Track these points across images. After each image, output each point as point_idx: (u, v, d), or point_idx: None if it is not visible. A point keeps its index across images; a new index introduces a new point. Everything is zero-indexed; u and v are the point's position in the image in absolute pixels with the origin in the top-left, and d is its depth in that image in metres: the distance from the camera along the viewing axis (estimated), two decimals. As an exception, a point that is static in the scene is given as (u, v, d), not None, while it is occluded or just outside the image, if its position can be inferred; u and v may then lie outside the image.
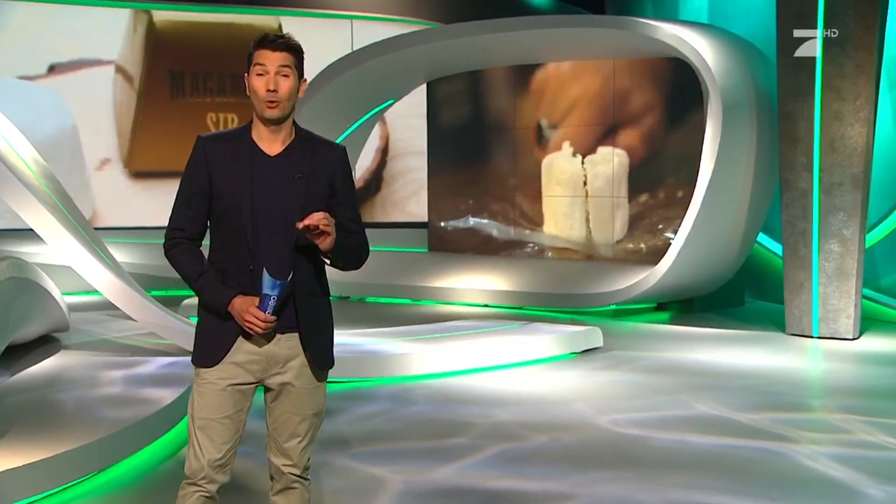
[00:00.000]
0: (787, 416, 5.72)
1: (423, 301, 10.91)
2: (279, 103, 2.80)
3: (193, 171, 2.87)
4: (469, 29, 10.50)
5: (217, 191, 2.83)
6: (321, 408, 2.97)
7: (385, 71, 10.97)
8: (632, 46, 10.10)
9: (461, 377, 6.81)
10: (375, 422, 5.56)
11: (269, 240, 2.81)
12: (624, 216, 10.82)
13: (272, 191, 2.81)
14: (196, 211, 2.86)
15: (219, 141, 2.87)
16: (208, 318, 2.88)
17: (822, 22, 7.93)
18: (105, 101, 12.55)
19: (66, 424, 4.59)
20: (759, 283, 10.76)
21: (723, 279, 9.79)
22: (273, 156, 2.85)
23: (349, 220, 2.92)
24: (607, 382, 6.68)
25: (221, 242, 2.86)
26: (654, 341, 8.38)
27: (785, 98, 8.27)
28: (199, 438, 2.87)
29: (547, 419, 5.64)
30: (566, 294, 10.12)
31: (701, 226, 8.94)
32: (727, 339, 8.45)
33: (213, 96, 13.02)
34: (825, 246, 8.17)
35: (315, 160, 2.86)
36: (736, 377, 6.82)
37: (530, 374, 6.99)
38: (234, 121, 12.96)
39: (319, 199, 2.85)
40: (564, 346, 7.62)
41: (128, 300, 6.28)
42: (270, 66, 2.78)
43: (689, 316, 9.81)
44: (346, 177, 2.94)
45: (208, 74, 12.97)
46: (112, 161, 12.60)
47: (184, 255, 2.85)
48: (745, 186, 9.12)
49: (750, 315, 9.83)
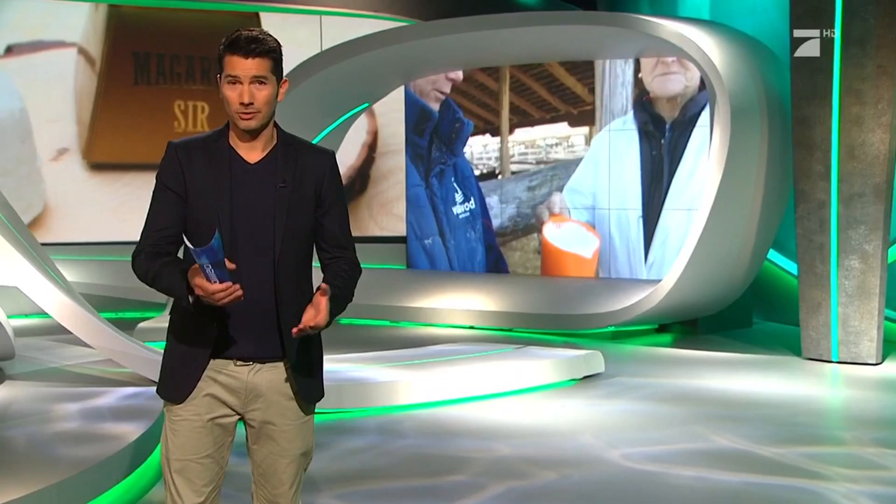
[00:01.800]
0: (815, 449, 5.64)
1: (403, 323, 10.78)
2: (255, 114, 2.70)
3: (167, 180, 2.76)
4: (451, 26, 10.41)
5: (192, 203, 2.73)
6: (310, 446, 2.88)
7: (359, 72, 10.86)
8: (630, 46, 10.05)
9: (453, 406, 6.69)
10: (362, 458, 5.44)
11: (250, 256, 2.71)
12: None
13: (253, 202, 2.73)
14: (171, 220, 2.75)
15: (192, 148, 2.77)
16: (177, 346, 2.78)
17: (840, 19, 7.90)
18: (66, 87, 12.23)
19: (17, 466, 4.40)
20: (768, 302, 10.71)
21: (730, 298, 9.73)
22: (253, 163, 2.76)
23: (336, 237, 2.84)
24: (613, 412, 6.60)
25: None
26: (659, 366, 8.32)
27: (799, 101, 8.23)
28: (177, 483, 2.77)
29: (552, 453, 5.53)
30: (560, 314, 10.03)
31: (707, 241, 8.87)
32: (738, 364, 8.39)
33: (182, 82, 12.66)
34: (845, 262, 8.11)
35: (300, 167, 2.78)
36: (752, 406, 6.74)
37: (528, 402, 6.88)
38: (205, 109, 12.67)
39: (304, 211, 2.77)
40: (564, 372, 7.52)
41: (81, 323, 6.09)
42: (244, 77, 2.67)
43: (694, 338, 9.75)
44: (335, 185, 2.84)
45: (176, 58, 12.62)
46: (71, 151, 12.30)
47: (146, 259, 2.74)
48: (756, 198, 9.07)
49: (760, 337, 9.78)
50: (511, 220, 11.64)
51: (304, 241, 2.80)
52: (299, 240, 2.78)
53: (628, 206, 10.75)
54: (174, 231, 2.75)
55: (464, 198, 12.00)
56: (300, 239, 2.78)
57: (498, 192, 11.73)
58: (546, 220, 11.34)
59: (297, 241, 2.77)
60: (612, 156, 10.82)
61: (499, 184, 11.71)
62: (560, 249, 11.30)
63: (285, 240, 2.73)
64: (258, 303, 2.71)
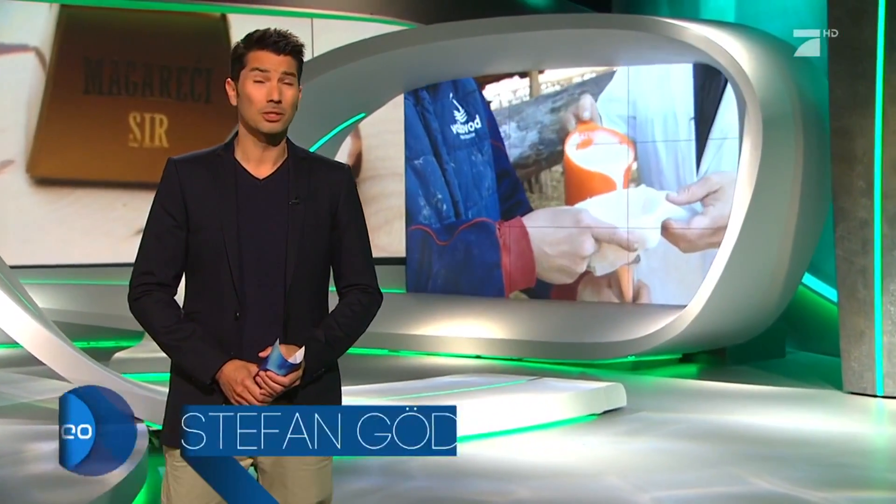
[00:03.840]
0: (864, 494, 5.56)
1: (403, 352, 10.73)
2: (282, 115, 2.69)
3: (165, 201, 2.72)
4: (455, 30, 10.37)
5: (195, 224, 2.70)
6: (328, 494, 2.82)
7: (355, 79, 10.85)
8: (650, 51, 10.00)
9: (463, 444, 6.52)
10: (368, 502, 5.35)
11: (259, 281, 2.68)
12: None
13: (262, 221, 2.70)
14: (170, 250, 2.72)
15: (194, 163, 2.74)
16: (184, 385, 2.72)
17: (884, 21, 7.86)
18: (20, 94, 12.13)
19: (-13, 512, 4.31)
20: (803, 330, 10.67)
21: (761, 326, 9.67)
22: (262, 179, 2.73)
23: (353, 262, 2.81)
24: (640, 451, 6.51)
25: (200, 287, 2.73)
26: (685, 400, 8.26)
27: (838, 111, 8.18)
28: None
29: (577, 497, 5.45)
30: (575, 343, 9.95)
31: (737, 263, 8.80)
32: (772, 398, 8.31)
33: (138, 92, 12.46)
34: (890, 286, 8.04)
35: (313, 182, 2.75)
36: (792, 445, 6.65)
37: (546, 439, 6.80)
38: (163, 123, 12.48)
39: (319, 230, 2.74)
40: (583, 407, 7.45)
41: (55, 354, 5.98)
42: (273, 72, 2.67)
43: (722, 369, 9.69)
44: (352, 203, 2.82)
45: (132, 65, 12.41)
46: (16, 164, 12.13)
47: (154, 306, 2.70)
48: (790, 216, 9.02)
49: (794, 369, 9.71)
50: (532, 148, 11.32)
51: (319, 266, 2.76)
52: (314, 263, 2.73)
53: (678, 110, 10.39)
54: (175, 266, 2.72)
55: (467, 117, 11.65)
56: (314, 262, 2.74)
57: (516, 118, 11.51)
58: (573, 129, 11.08)
59: (312, 264, 2.73)
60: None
61: (516, 108, 11.47)
62: (585, 170, 10.99)
63: (298, 263, 2.69)
64: (269, 334, 2.67)
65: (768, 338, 10.06)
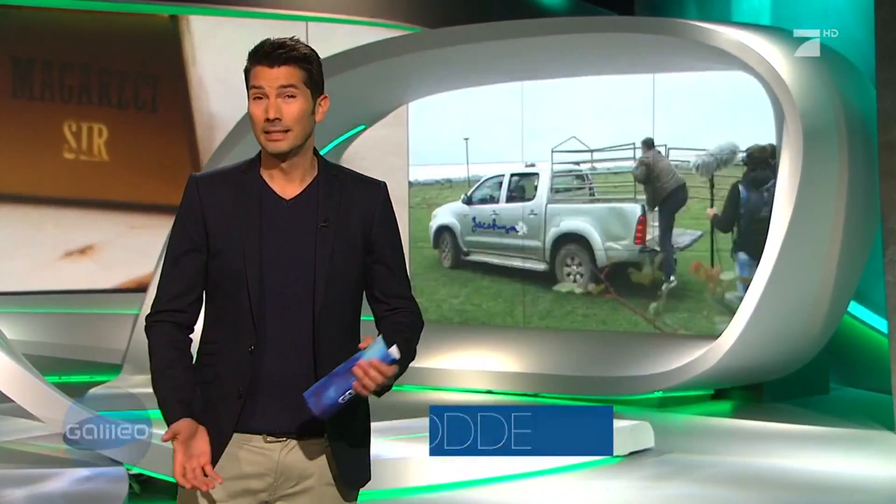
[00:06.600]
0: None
1: (406, 386, 10.69)
2: (287, 132, 2.70)
3: (185, 222, 2.77)
4: (463, 35, 10.39)
5: (215, 248, 2.74)
6: None
7: (355, 88, 10.86)
8: (677, 57, 10.02)
9: (475, 489, 6.64)
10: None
11: (282, 311, 2.71)
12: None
13: (287, 246, 2.73)
14: (188, 276, 2.76)
15: (218, 181, 2.79)
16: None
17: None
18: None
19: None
20: (849, 364, 10.69)
21: (802, 360, 9.64)
22: (289, 199, 2.76)
23: (391, 286, 2.83)
24: (669, 497, 6.54)
25: (218, 314, 2.77)
26: (719, 441, 8.29)
27: (887, 122, 8.20)
28: None
29: (602, 550, 5.44)
30: (596, 377, 9.95)
31: (775, 290, 8.81)
32: (815, 439, 8.32)
33: (74, 98, 12.02)
34: (945, 316, 8.05)
35: (345, 202, 2.78)
36: (839, 492, 6.66)
37: (566, 484, 6.81)
38: (102, 133, 12.06)
39: (351, 255, 2.77)
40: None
41: (27, 391, 6.08)
42: (269, 88, 2.70)
43: (759, 407, 9.70)
44: (388, 223, 2.84)
45: (67, 67, 11.97)
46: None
47: (159, 340, 2.76)
48: (834, 238, 9.02)
49: (840, 407, 9.72)
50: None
51: (351, 292, 2.79)
52: (344, 290, 2.76)
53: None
54: (193, 293, 2.77)
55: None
56: (346, 289, 2.77)
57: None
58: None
59: (342, 291, 2.76)
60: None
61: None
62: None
63: (328, 291, 2.72)
64: (293, 367, 2.70)
65: (810, 372, 10.06)
